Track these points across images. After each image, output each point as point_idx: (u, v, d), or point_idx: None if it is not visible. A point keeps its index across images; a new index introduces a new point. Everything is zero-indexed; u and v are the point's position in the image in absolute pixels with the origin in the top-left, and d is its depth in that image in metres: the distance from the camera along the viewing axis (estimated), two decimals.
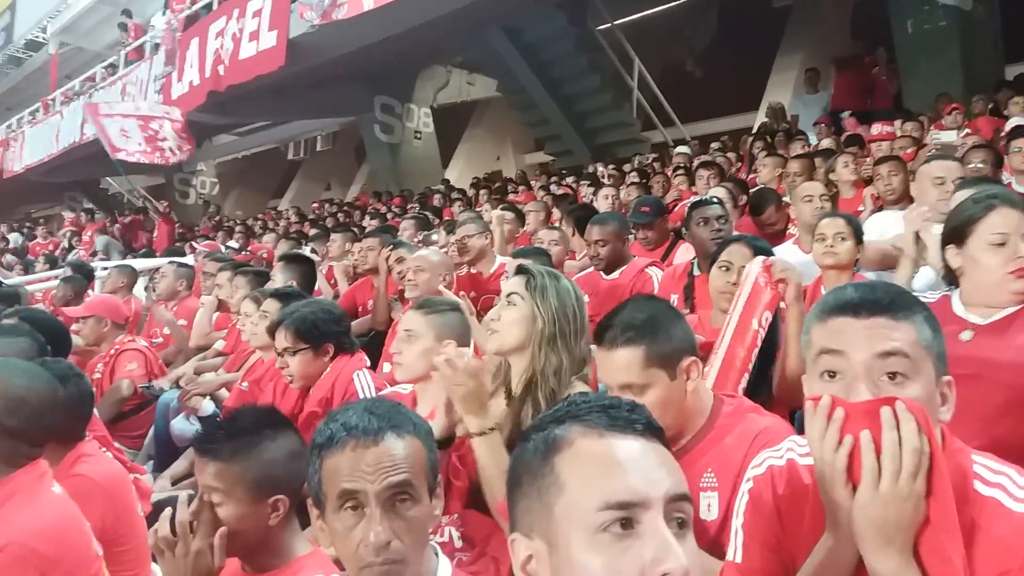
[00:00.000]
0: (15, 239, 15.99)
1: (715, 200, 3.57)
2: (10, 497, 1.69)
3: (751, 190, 5.12)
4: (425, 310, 2.37)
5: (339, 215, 11.66)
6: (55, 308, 5.48)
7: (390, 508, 1.24)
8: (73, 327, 4.06)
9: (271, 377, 3.35)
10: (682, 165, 7.60)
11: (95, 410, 2.57)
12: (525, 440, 0.92)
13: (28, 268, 11.15)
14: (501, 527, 1.85)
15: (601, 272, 3.84)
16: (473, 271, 4.17)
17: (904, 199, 3.82)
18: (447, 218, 7.68)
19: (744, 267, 2.48)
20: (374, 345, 4.08)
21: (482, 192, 9.85)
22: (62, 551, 1.66)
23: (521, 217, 5.46)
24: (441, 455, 1.90)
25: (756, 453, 1.42)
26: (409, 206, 10.48)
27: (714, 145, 8.74)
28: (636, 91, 11.56)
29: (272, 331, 2.90)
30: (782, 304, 2.35)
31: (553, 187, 8.78)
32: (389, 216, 9.33)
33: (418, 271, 3.59)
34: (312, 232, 8.49)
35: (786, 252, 3.73)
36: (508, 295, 2.06)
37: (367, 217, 9.83)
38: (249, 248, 7.63)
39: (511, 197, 8.51)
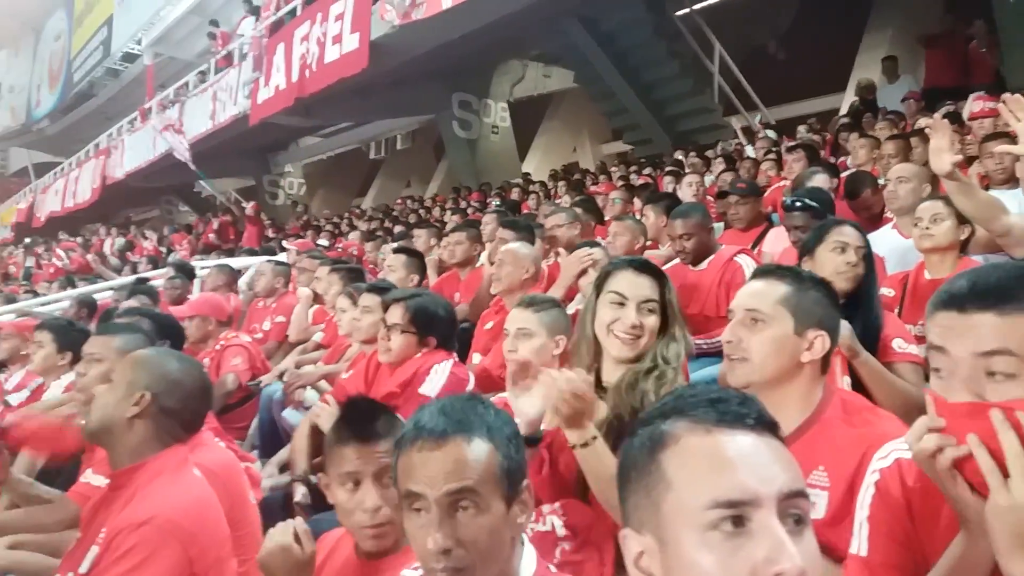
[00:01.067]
0: (119, 243, 16.85)
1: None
2: (157, 475, 1.80)
3: (842, 174, 4.98)
4: (534, 308, 2.44)
5: (420, 212, 11.88)
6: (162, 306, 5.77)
7: (452, 514, 1.20)
8: None
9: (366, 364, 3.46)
10: (768, 149, 7.41)
11: None
12: (632, 435, 0.90)
13: (133, 268, 11.76)
14: (604, 516, 1.84)
15: (687, 263, 3.79)
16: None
17: (1013, 178, 3.64)
18: (525, 211, 7.72)
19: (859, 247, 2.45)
20: (464, 337, 4.17)
21: (560, 184, 9.86)
22: (201, 527, 1.74)
23: (597, 211, 5.46)
24: (532, 451, 1.90)
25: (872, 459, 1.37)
26: (488, 200, 10.58)
27: (801, 128, 8.49)
28: (717, 76, 11.34)
29: (388, 304, 3.00)
30: None
31: (632, 176, 8.71)
32: (469, 211, 9.44)
33: (501, 264, 3.63)
34: (396, 229, 8.69)
35: (884, 237, 3.63)
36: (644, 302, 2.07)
37: (448, 212, 9.98)
38: (340, 245, 7.84)
39: (591, 189, 8.48)
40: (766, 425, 0.85)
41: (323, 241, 9.31)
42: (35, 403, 3.79)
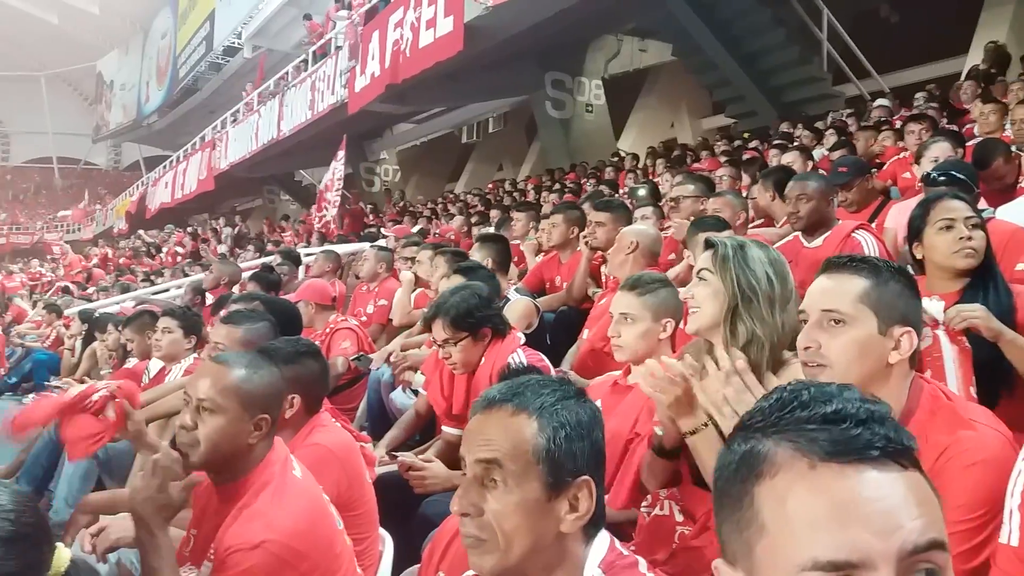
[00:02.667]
0: (227, 232, 17.60)
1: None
2: (264, 485, 1.78)
3: (968, 143, 4.64)
4: (638, 290, 2.35)
5: (513, 195, 11.85)
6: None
7: (480, 483, 1.17)
8: None
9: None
10: (884, 119, 7.00)
11: None
12: (728, 445, 0.76)
13: (239, 256, 12.25)
14: None
15: (802, 239, 3.58)
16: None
17: None
18: (623, 189, 7.56)
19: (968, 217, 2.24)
20: (567, 321, 4.10)
21: (658, 161, 9.61)
22: (311, 545, 1.75)
23: (711, 186, 5.27)
24: (667, 464, 1.86)
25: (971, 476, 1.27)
26: (583, 181, 10.44)
27: (919, 95, 7.98)
28: (826, 43, 10.82)
29: (428, 324, 2.92)
30: None
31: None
32: (564, 192, 9.33)
33: (617, 250, 3.54)
34: (493, 213, 8.68)
35: (1020, 208, 3.35)
36: (699, 271, 1.95)
37: (543, 193, 9.90)
38: (438, 231, 7.90)
39: (693, 166, 8.23)
40: (896, 452, 0.66)
41: (420, 227, 9.42)
42: (158, 385, 3.97)
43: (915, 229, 2.38)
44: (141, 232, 23.44)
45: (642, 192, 6.06)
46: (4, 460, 4.36)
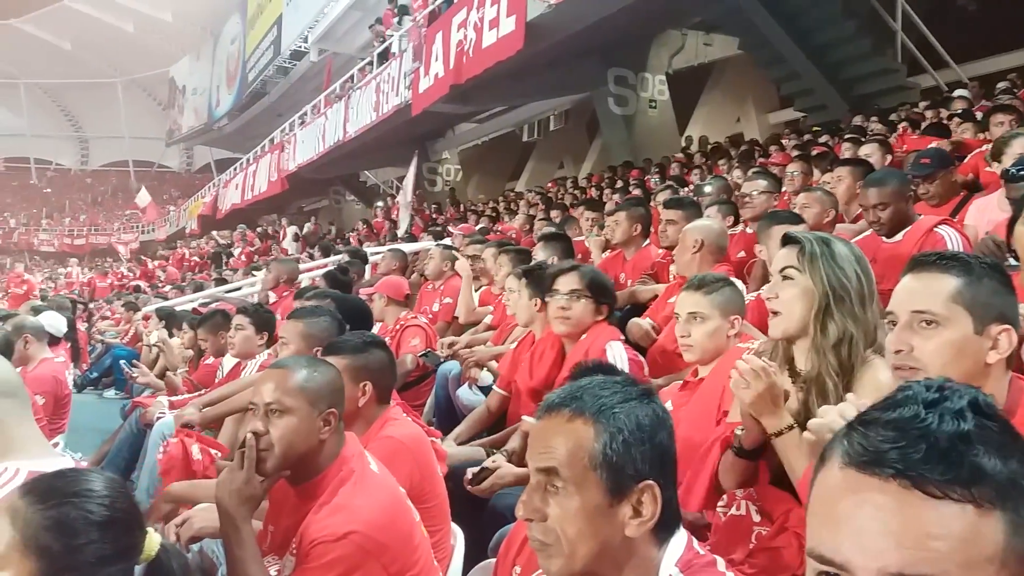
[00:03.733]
0: (292, 231, 18.00)
1: None
2: (343, 481, 1.82)
3: None
4: (704, 289, 2.36)
5: (575, 192, 11.80)
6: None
7: (542, 489, 1.17)
8: None
9: (528, 347, 3.44)
10: (965, 111, 6.72)
11: None
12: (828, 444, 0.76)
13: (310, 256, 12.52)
14: (800, 502, 1.73)
15: (882, 236, 3.48)
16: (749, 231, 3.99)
17: None
18: (691, 185, 7.45)
19: None
20: (627, 320, 4.08)
21: (722, 158, 9.44)
22: (393, 537, 1.78)
23: (777, 182, 5.16)
24: (747, 464, 1.82)
25: None
26: (646, 178, 10.33)
27: (1001, 85, 7.65)
28: (900, 33, 10.47)
29: (554, 277, 3.00)
30: None
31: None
32: (628, 190, 9.24)
33: (684, 247, 3.49)
34: (553, 212, 8.66)
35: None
36: (782, 270, 1.89)
37: (605, 191, 9.84)
38: (499, 228, 7.93)
39: (760, 161, 8.06)
40: (919, 479, 0.63)
41: (482, 225, 9.46)
42: (234, 380, 4.09)
43: (1010, 223, 2.30)
44: (214, 233, 24.18)
45: (709, 188, 5.95)
46: (89, 451, 4.55)
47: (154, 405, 4.08)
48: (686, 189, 7.26)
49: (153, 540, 1.40)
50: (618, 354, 2.82)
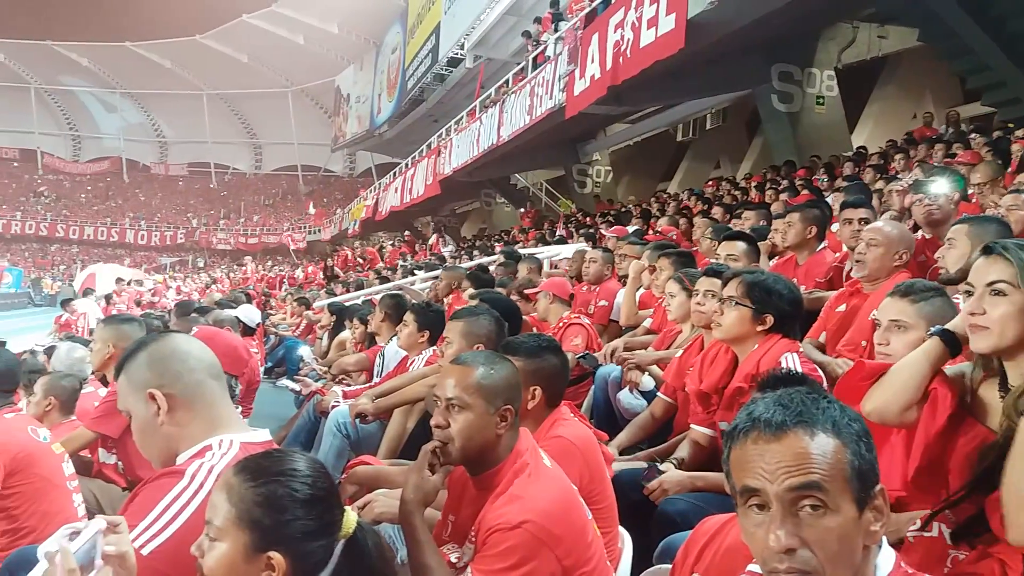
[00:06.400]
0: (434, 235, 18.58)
1: None
2: (518, 472, 1.87)
3: None
4: (912, 296, 2.22)
5: (734, 193, 11.41)
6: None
7: (794, 512, 1.11)
8: None
9: (695, 354, 3.33)
10: None
11: None
12: None
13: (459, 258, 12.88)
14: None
15: None
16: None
17: None
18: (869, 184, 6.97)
19: None
20: None
21: (898, 156, 8.80)
22: (568, 529, 1.79)
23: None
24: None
25: None
26: (814, 177, 9.83)
27: None
28: None
29: (726, 280, 2.89)
30: None
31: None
32: (795, 190, 8.81)
33: (870, 246, 3.26)
34: (715, 211, 8.40)
35: None
36: (991, 284, 1.72)
37: (769, 191, 9.44)
38: (659, 229, 7.78)
39: (945, 160, 7.45)
40: None
41: (635, 227, 9.33)
42: (403, 374, 4.24)
43: None
44: (380, 234, 25.40)
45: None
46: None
47: (329, 394, 4.31)
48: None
49: (350, 518, 1.47)
50: (794, 366, 2.67)
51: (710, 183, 13.75)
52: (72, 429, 3.34)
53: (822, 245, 4.42)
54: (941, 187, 3.71)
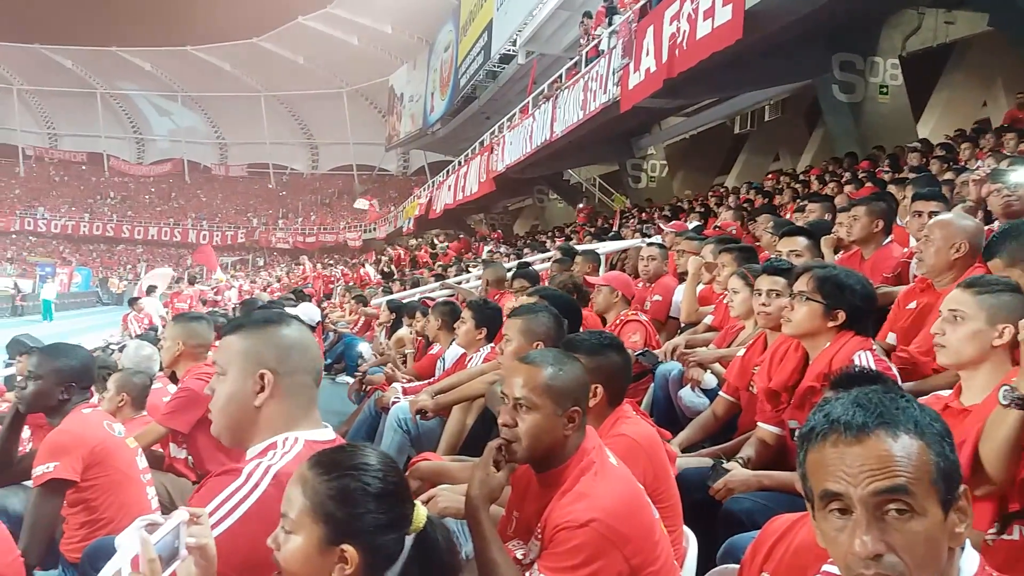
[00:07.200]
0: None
1: None
2: (584, 470, 1.86)
3: None
4: (976, 288, 2.14)
5: (794, 186, 11.16)
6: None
7: (880, 516, 1.08)
8: None
9: (759, 352, 3.26)
10: None
11: None
12: None
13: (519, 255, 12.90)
14: None
15: None
16: None
17: None
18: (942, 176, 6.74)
19: None
20: None
21: (964, 145, 8.47)
22: (635, 529, 1.78)
23: None
24: None
25: None
26: (876, 168, 9.54)
27: None
28: None
29: (797, 275, 2.82)
30: None
31: None
32: (859, 182, 8.58)
33: (927, 240, 3.15)
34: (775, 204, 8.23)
35: None
36: None
37: (831, 184, 9.20)
38: (718, 224, 7.66)
39: (1019, 150, 7.15)
40: None
41: (695, 221, 9.21)
42: (462, 371, 4.27)
43: None
44: (437, 231, 25.61)
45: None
46: None
47: (390, 390, 4.36)
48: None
49: (420, 512, 1.49)
50: (868, 365, 2.59)
51: (769, 176, 13.44)
52: (144, 424, 3.45)
53: (888, 239, 4.28)
54: (1022, 176, 3.56)
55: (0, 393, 4.79)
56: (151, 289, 18.26)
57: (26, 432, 3.37)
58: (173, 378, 3.81)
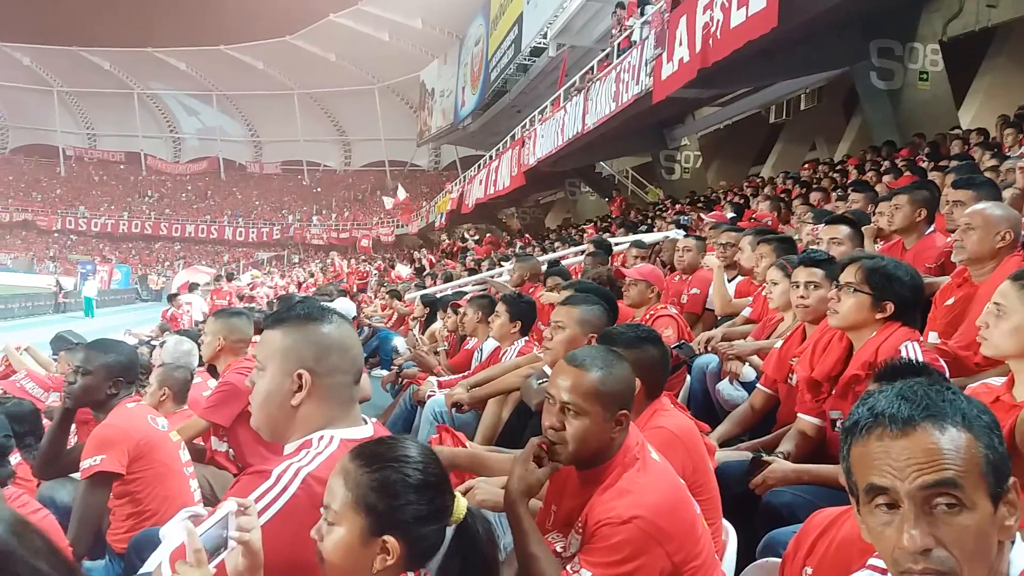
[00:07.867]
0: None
1: None
2: (627, 467, 1.85)
3: None
4: (1021, 282, 2.08)
5: (832, 175, 10.97)
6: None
7: (928, 511, 1.06)
8: None
9: (797, 343, 3.21)
10: None
11: None
12: None
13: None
14: None
15: None
16: None
17: None
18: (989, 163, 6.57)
19: None
20: None
21: (1007, 132, 8.24)
22: (678, 526, 1.77)
23: None
24: None
25: None
26: (916, 157, 9.34)
27: None
28: None
29: (843, 266, 2.77)
30: None
31: None
32: (897, 171, 8.40)
33: (968, 228, 3.07)
34: (813, 196, 8.10)
35: None
36: None
37: (869, 173, 9.03)
38: (755, 216, 7.56)
39: None
40: None
41: (730, 212, 9.10)
42: (496, 364, 4.27)
43: None
44: (468, 226, 25.65)
45: None
46: None
47: (425, 384, 4.38)
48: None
49: (461, 504, 1.49)
50: (915, 356, 2.54)
51: (806, 166, 13.23)
52: (185, 418, 3.51)
53: (931, 228, 4.19)
54: None
55: (57, 385, 4.87)
56: (193, 286, 18.57)
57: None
58: (213, 372, 3.87)
